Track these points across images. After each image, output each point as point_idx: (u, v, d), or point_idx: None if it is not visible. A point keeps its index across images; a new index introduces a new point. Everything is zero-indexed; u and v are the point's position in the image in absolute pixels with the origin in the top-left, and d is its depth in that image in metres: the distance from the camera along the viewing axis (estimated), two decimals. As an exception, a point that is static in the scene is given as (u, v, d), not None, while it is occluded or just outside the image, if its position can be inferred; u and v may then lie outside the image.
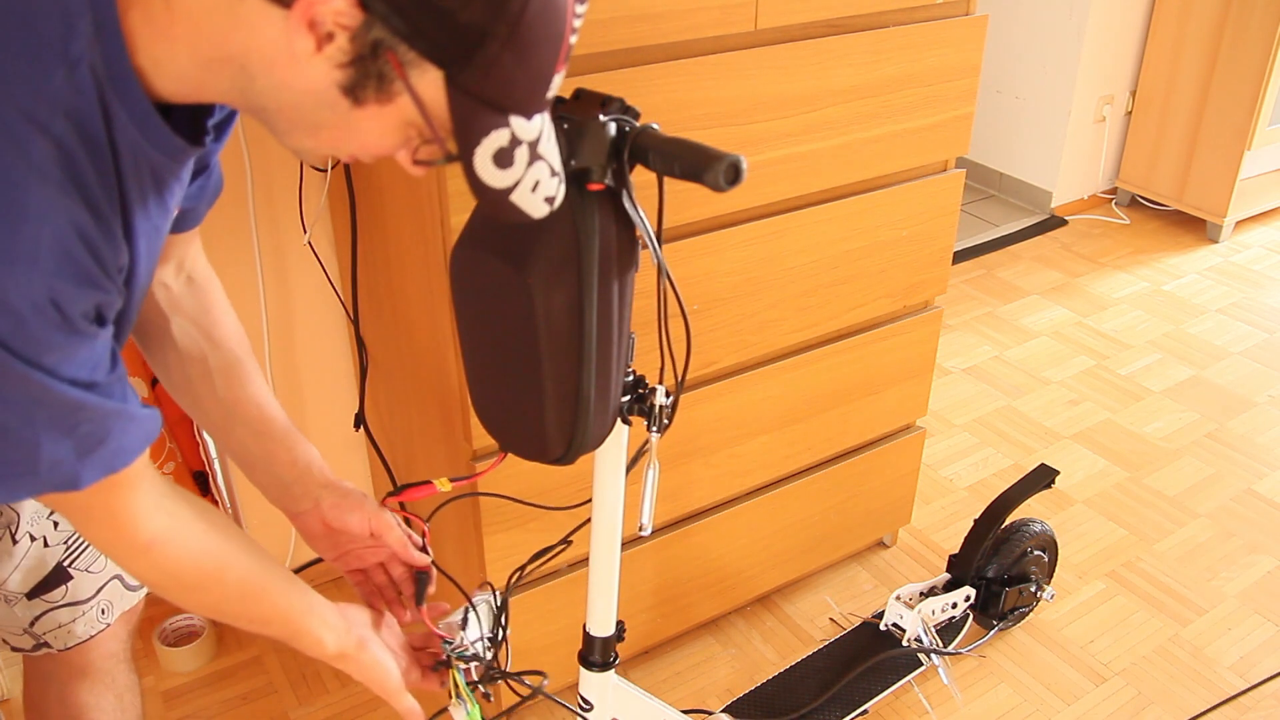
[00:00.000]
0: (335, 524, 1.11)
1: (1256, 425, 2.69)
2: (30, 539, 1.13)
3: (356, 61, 0.68)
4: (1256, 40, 3.29)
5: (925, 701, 1.90)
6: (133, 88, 0.71)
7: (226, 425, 1.10)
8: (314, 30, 0.66)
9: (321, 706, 1.87)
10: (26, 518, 1.13)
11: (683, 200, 1.50)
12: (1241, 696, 1.92)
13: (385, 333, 1.72)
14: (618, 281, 0.95)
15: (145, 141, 0.74)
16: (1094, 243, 3.65)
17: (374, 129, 0.73)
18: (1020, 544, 1.96)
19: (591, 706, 1.31)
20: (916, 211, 1.79)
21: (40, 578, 1.15)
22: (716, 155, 0.83)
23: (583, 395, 0.98)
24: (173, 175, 0.81)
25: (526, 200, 0.78)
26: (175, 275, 1.07)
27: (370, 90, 0.70)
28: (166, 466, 1.81)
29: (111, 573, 1.22)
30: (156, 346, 1.08)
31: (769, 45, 1.48)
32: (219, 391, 1.08)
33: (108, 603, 1.22)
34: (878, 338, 1.87)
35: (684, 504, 1.78)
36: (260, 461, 1.10)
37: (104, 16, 0.68)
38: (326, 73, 0.69)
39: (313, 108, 0.71)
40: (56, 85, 0.67)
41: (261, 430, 1.10)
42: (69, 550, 1.17)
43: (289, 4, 0.66)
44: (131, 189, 0.75)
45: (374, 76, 0.69)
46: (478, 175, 0.74)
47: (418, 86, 0.69)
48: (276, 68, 0.69)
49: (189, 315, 1.07)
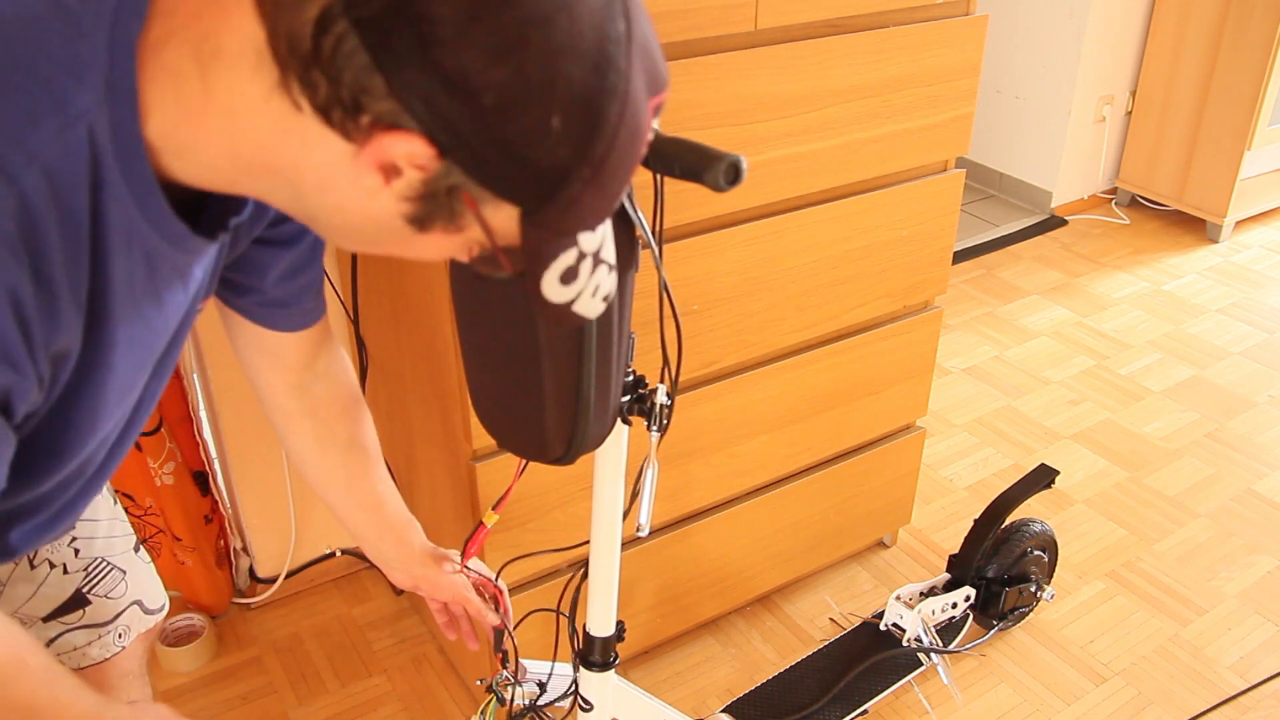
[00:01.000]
0: (423, 593, 1.21)
1: (1256, 425, 2.69)
2: (50, 565, 1.11)
3: (427, 197, 0.63)
4: (1256, 40, 3.29)
5: (925, 701, 1.90)
6: (138, 161, 0.64)
7: (345, 505, 1.15)
8: (384, 169, 0.61)
9: (321, 706, 1.87)
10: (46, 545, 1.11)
11: (683, 200, 1.50)
12: (1241, 696, 1.92)
13: (385, 333, 1.72)
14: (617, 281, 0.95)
15: (143, 221, 0.67)
16: (1094, 243, 3.65)
17: (437, 248, 0.69)
18: (1020, 544, 1.96)
19: (591, 706, 1.31)
20: (916, 211, 1.79)
21: (58, 603, 1.14)
22: (716, 155, 0.83)
23: (583, 395, 0.98)
24: (173, 266, 0.74)
25: (587, 306, 0.76)
26: (315, 377, 1.06)
27: (439, 221, 0.65)
28: (166, 466, 1.81)
29: (131, 598, 1.20)
30: (295, 436, 1.10)
31: (769, 45, 1.48)
32: (344, 480, 1.13)
33: (125, 627, 1.20)
34: (878, 338, 1.87)
35: (684, 504, 1.78)
36: (369, 537, 1.17)
37: (119, 79, 0.61)
38: (392, 204, 0.63)
39: (373, 231, 0.66)
40: (42, 137, 0.60)
41: (377, 517, 1.15)
42: (88, 577, 1.15)
43: (360, 142, 0.60)
44: (117, 270, 0.68)
45: (445, 210, 0.64)
46: (544, 296, 0.72)
47: (490, 220, 0.64)
48: (333, 192, 0.64)
49: (329, 411, 1.09)
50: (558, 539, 1.62)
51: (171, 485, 1.83)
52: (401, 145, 0.59)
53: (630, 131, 0.63)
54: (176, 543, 1.88)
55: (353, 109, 0.59)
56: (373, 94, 0.58)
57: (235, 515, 2.00)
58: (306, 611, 2.07)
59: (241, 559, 2.06)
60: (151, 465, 1.80)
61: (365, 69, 0.57)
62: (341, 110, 0.59)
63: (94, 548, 1.15)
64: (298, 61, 0.58)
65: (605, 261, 0.76)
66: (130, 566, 1.19)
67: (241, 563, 2.06)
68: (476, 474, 1.50)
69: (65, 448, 0.80)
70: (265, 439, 1.92)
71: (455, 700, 1.89)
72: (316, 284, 1.00)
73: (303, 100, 0.60)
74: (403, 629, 2.03)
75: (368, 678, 1.93)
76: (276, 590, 2.07)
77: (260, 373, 1.05)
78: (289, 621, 2.05)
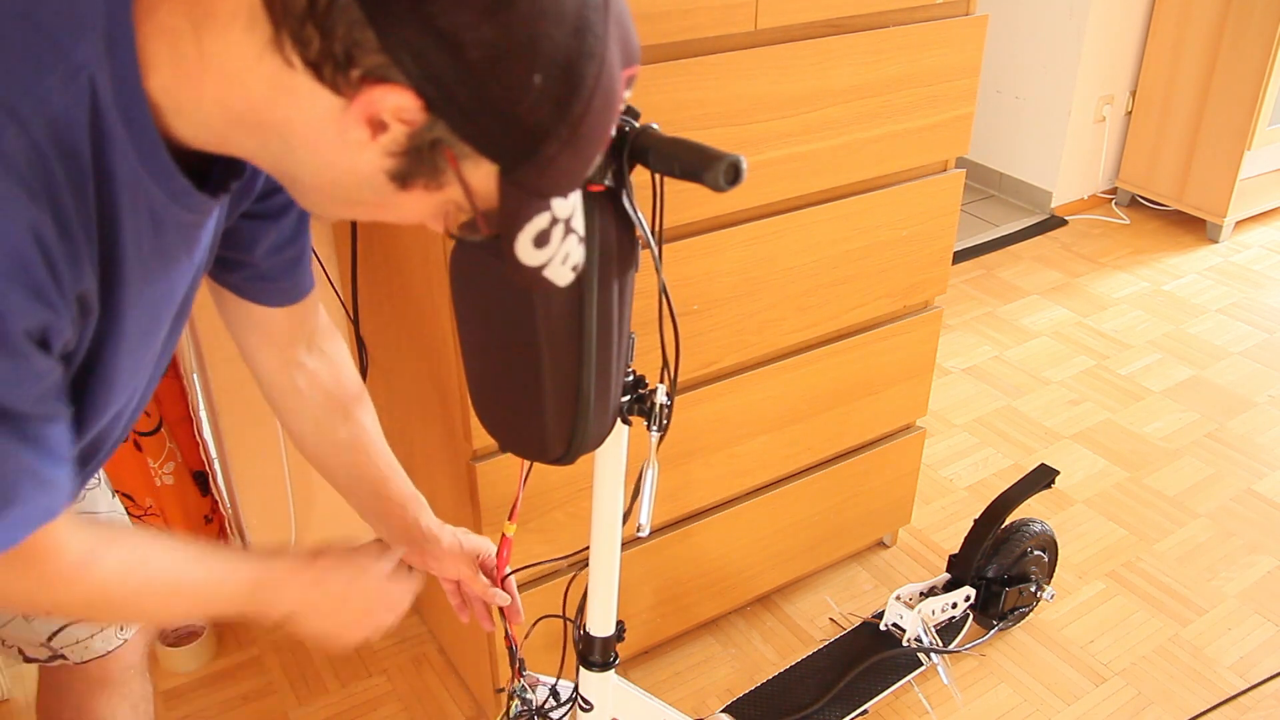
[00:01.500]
0: (432, 571, 1.21)
1: (1256, 425, 2.69)
2: None
3: (410, 152, 0.65)
4: (1256, 40, 3.29)
5: (925, 701, 1.90)
6: (141, 115, 0.66)
7: (346, 483, 1.15)
8: (371, 123, 0.64)
9: (321, 706, 1.87)
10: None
11: (683, 200, 1.50)
12: (1241, 696, 1.92)
13: (385, 333, 1.72)
14: (618, 281, 0.95)
15: (146, 173, 0.69)
16: (1094, 243, 3.65)
17: (415, 208, 0.71)
18: (1020, 544, 1.96)
19: (591, 706, 1.31)
20: (916, 211, 1.79)
21: None
22: (716, 155, 0.83)
23: (583, 395, 0.98)
24: (178, 226, 0.75)
25: (557, 273, 0.78)
26: (308, 353, 1.08)
27: (420, 178, 0.67)
28: (166, 466, 1.81)
29: None
30: (293, 415, 1.11)
31: (769, 45, 1.48)
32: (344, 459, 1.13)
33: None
34: (878, 338, 1.87)
35: (684, 504, 1.78)
36: (373, 515, 1.17)
37: (118, 34, 0.63)
38: (376, 159, 0.66)
39: (354, 187, 0.69)
40: (47, 88, 0.62)
41: (380, 495, 1.15)
42: None
43: (349, 96, 0.62)
44: (125, 221, 0.70)
45: (426, 166, 0.66)
46: (517, 257, 0.74)
47: (470, 178, 0.67)
48: (321, 147, 0.66)
49: (326, 390, 1.10)
50: (558, 538, 1.62)
51: (171, 485, 1.83)
52: (390, 99, 0.62)
53: (605, 97, 0.66)
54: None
55: (344, 63, 0.61)
56: (364, 48, 0.60)
57: (235, 515, 2.00)
58: (306, 611, 2.07)
59: (241, 559, 2.06)
60: (151, 465, 1.80)
61: (358, 23, 0.60)
62: (333, 65, 0.61)
63: None
64: (292, 18, 0.61)
65: (575, 231, 0.78)
66: None
67: (241, 563, 2.06)
68: (476, 474, 1.50)
69: (80, 420, 0.80)
70: (265, 439, 1.92)
71: (455, 700, 1.89)
72: (303, 257, 1.02)
73: (294, 56, 0.62)
74: (403, 629, 2.03)
75: (368, 678, 1.93)
76: (276, 590, 2.07)
77: (254, 351, 1.06)
78: (289, 621, 2.05)
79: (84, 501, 1.14)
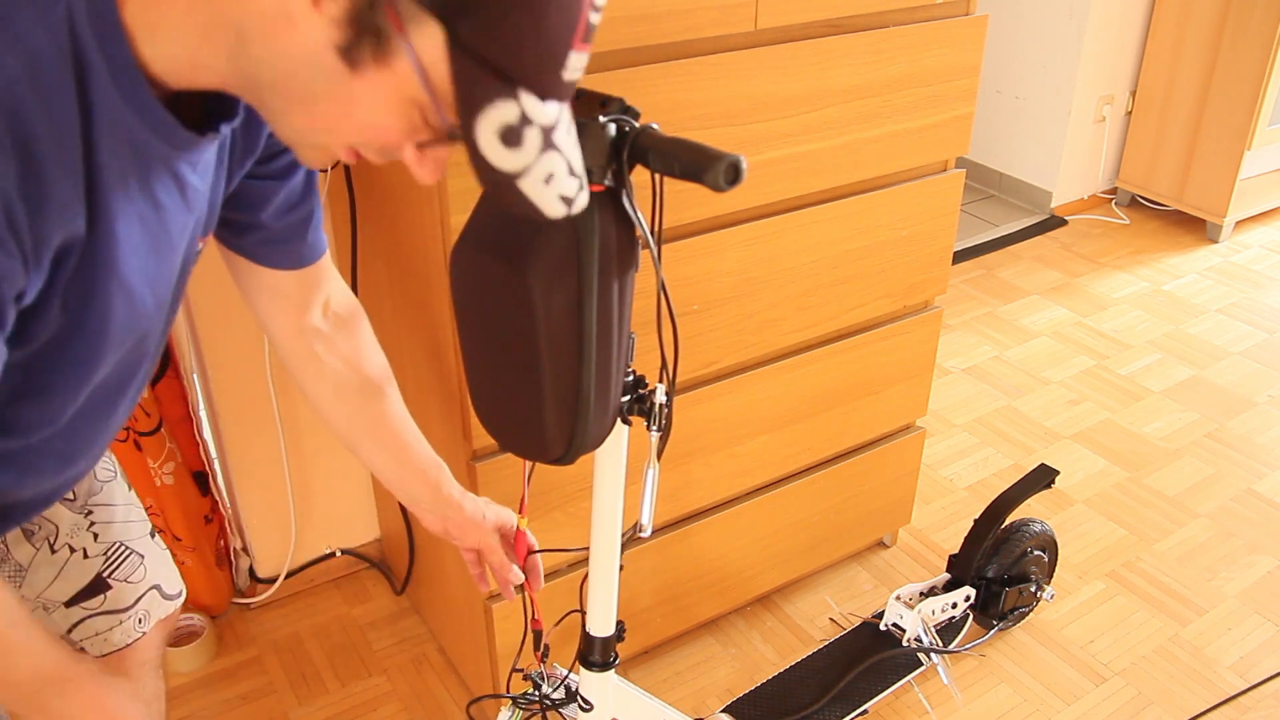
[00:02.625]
0: (453, 539, 1.22)
1: (1256, 425, 2.69)
2: (70, 550, 1.12)
3: (354, 19, 0.65)
4: (1256, 40, 3.29)
5: (925, 701, 1.90)
6: (118, 45, 0.66)
7: (368, 449, 1.16)
8: None
9: (321, 706, 1.87)
10: (65, 529, 1.12)
11: (683, 200, 1.50)
12: (1241, 696, 1.92)
13: (385, 332, 1.72)
14: (618, 281, 0.95)
15: (126, 107, 0.69)
16: (1094, 243, 3.65)
17: (372, 104, 0.69)
18: (1020, 544, 1.96)
19: (591, 706, 1.31)
20: (916, 211, 1.79)
21: (79, 587, 1.15)
22: (716, 155, 0.83)
23: (583, 395, 0.98)
24: (163, 162, 0.75)
25: (538, 192, 0.73)
26: (322, 316, 1.08)
27: (368, 50, 0.66)
28: (166, 466, 1.81)
29: (150, 583, 1.21)
30: (311, 382, 1.11)
31: (769, 45, 1.48)
32: (364, 424, 1.13)
33: (145, 612, 1.21)
34: (878, 338, 1.87)
35: (684, 504, 1.78)
36: (396, 481, 1.18)
37: None
38: (323, 30, 0.65)
39: (308, 77, 0.68)
40: (25, 19, 0.62)
41: (402, 460, 1.16)
42: (108, 561, 1.16)
43: None
44: (107, 160, 0.70)
45: (371, 33, 0.65)
46: (481, 151, 0.69)
47: (418, 45, 0.66)
48: (273, 33, 0.66)
49: (342, 356, 1.10)
50: (558, 538, 1.62)
51: (171, 485, 1.83)
52: None
53: None
54: (176, 543, 1.88)
55: None
56: None
57: (235, 515, 2.00)
58: (306, 611, 2.07)
59: (241, 559, 2.06)
60: (151, 465, 1.80)
61: None
62: None
63: (112, 532, 1.16)
64: None
65: (562, 153, 0.73)
66: (148, 551, 1.20)
67: (241, 563, 2.06)
68: (477, 474, 1.50)
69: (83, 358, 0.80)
70: (265, 439, 1.92)
71: (455, 700, 1.89)
72: (313, 218, 1.02)
73: None
74: (403, 629, 2.03)
75: (368, 678, 1.93)
76: (276, 590, 2.07)
77: (270, 318, 1.07)
78: (289, 621, 2.05)
79: (100, 494, 1.14)
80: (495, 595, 1.64)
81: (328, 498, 2.05)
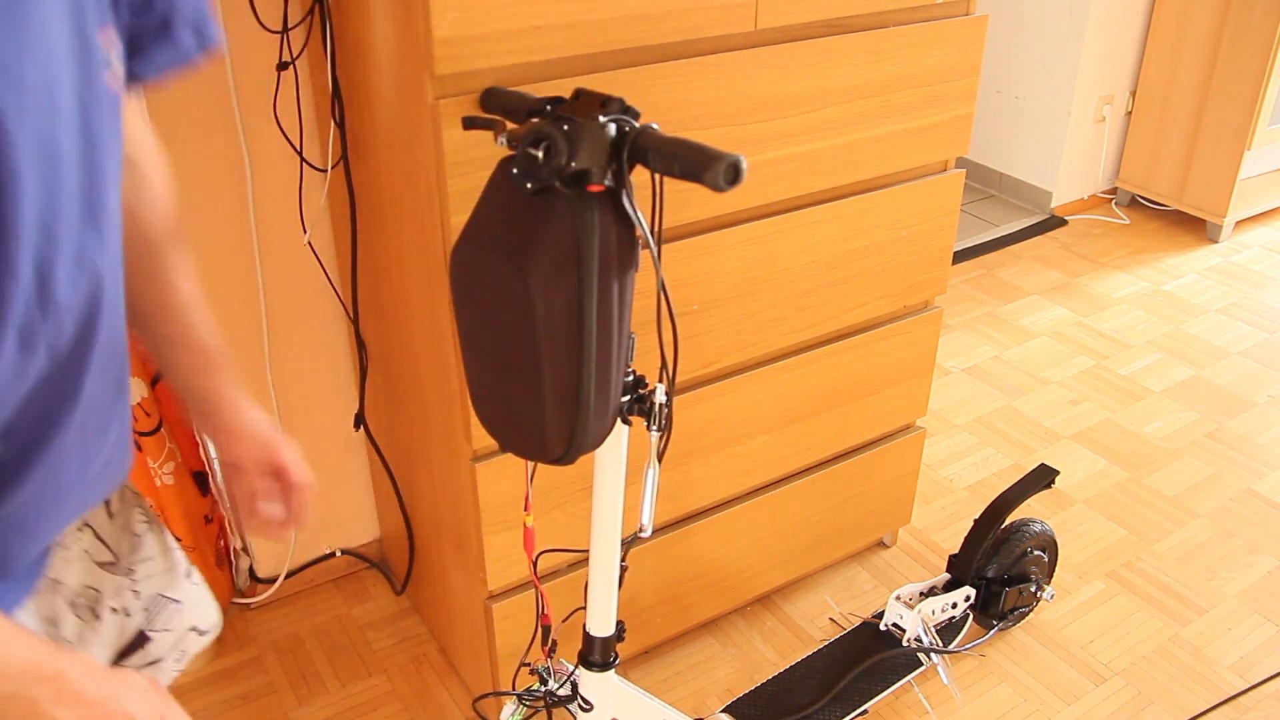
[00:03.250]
0: (219, 444, 1.08)
1: (1256, 425, 2.69)
2: (112, 612, 1.08)
3: None
4: (1256, 40, 3.29)
5: (925, 701, 1.90)
6: None
7: (146, 321, 1.01)
8: None
9: (321, 706, 1.87)
10: (109, 594, 1.07)
11: (683, 200, 1.50)
12: (1241, 696, 1.92)
13: (385, 333, 1.72)
14: (618, 281, 0.95)
15: None
16: (1094, 243, 3.65)
17: None
18: (1020, 544, 1.96)
19: (591, 706, 1.31)
20: (916, 211, 1.79)
21: (122, 646, 1.11)
22: (716, 155, 0.83)
23: (583, 395, 0.98)
24: None
25: None
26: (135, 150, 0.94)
27: None
28: (166, 466, 1.81)
29: (187, 625, 1.17)
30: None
31: (769, 45, 1.48)
32: (139, 283, 0.99)
33: (182, 652, 1.18)
34: (878, 338, 1.87)
35: (684, 504, 1.78)
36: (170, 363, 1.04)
37: None
38: None
39: None
40: None
41: (179, 338, 1.03)
42: (149, 615, 1.14)
43: None
44: None
45: None
46: None
47: None
48: None
49: (128, 206, 0.94)
50: (558, 539, 1.62)
51: (171, 485, 1.83)
52: None
53: None
54: (176, 543, 1.88)
55: None
56: None
57: (235, 515, 2.00)
58: (306, 611, 2.07)
59: (241, 559, 2.06)
60: (151, 465, 1.80)
61: None
62: None
63: (153, 585, 1.13)
64: None
65: None
66: (185, 596, 1.17)
67: (241, 563, 2.06)
68: (476, 474, 1.50)
69: None
70: (265, 439, 1.92)
71: (455, 700, 1.89)
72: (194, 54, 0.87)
73: None
74: (403, 629, 2.03)
75: (368, 678, 1.93)
76: (276, 590, 2.07)
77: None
78: (289, 621, 2.05)
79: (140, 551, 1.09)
80: (495, 595, 1.64)
81: (327, 498, 2.05)
